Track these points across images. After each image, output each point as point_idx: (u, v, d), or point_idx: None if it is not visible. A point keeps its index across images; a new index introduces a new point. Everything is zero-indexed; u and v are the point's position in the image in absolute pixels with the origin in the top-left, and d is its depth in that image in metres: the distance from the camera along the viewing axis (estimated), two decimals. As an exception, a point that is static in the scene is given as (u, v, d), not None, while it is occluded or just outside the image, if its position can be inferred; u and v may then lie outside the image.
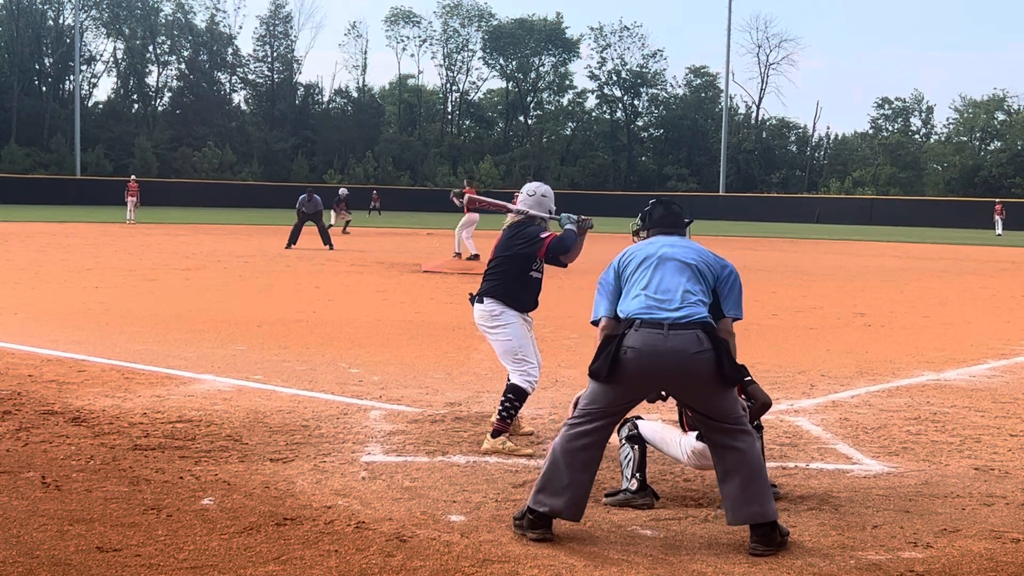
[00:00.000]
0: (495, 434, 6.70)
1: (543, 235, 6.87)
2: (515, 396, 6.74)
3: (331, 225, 32.88)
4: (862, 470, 6.40)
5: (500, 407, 6.76)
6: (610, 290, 5.26)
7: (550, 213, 7.11)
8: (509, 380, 6.83)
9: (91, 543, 4.70)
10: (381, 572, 4.47)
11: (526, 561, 4.65)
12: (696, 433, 5.46)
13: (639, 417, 6.03)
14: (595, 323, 5.30)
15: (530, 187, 7.18)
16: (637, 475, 5.59)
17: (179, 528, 4.95)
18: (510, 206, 7.06)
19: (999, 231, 52.55)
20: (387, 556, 4.66)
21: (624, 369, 4.91)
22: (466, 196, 7.63)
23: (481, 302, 6.92)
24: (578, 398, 5.25)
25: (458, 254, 23.91)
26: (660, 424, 5.94)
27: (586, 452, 5.01)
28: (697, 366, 4.87)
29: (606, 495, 5.64)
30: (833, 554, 4.83)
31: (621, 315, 5.10)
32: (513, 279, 6.88)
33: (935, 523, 5.32)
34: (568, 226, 6.84)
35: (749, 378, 5.58)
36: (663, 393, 5.35)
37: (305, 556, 4.63)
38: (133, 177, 48.15)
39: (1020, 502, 5.74)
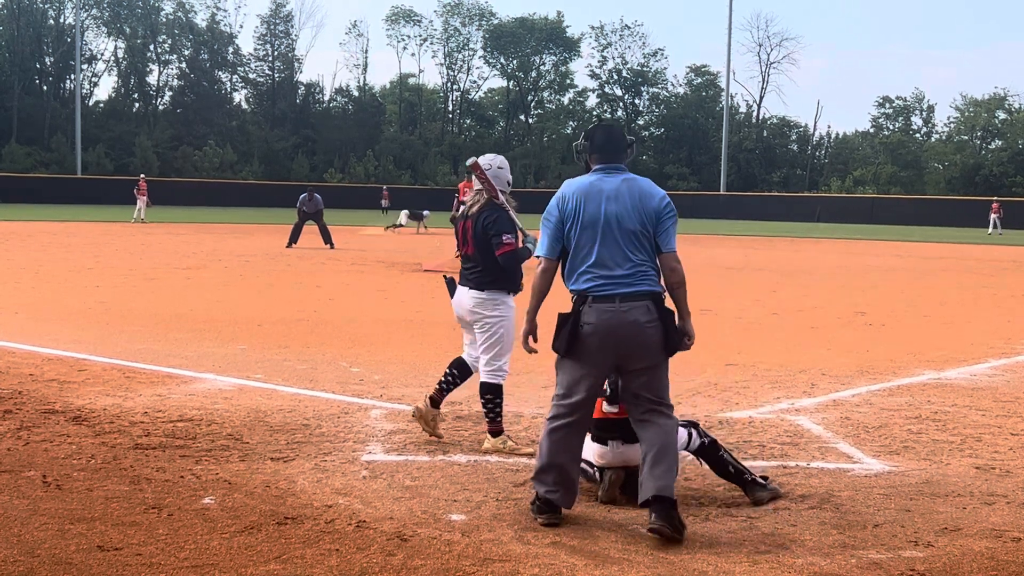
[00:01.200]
0: (494, 434, 6.70)
1: (506, 239, 6.70)
2: (494, 395, 6.74)
3: (400, 225, 34.93)
4: (863, 469, 6.40)
5: (485, 410, 6.74)
6: (552, 229, 5.34)
7: (509, 184, 7.05)
8: (481, 380, 6.78)
9: (92, 542, 4.70)
10: (382, 571, 4.47)
11: (527, 560, 4.65)
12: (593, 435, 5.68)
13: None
14: (538, 256, 5.43)
15: (483, 160, 6.98)
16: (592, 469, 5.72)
17: (180, 527, 4.95)
18: (501, 198, 6.98)
19: (992, 230, 52.43)
20: (388, 555, 4.66)
21: (584, 343, 5.14)
22: (474, 164, 7.45)
23: (481, 291, 6.77)
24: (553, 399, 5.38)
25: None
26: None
27: (567, 441, 5.23)
28: (647, 335, 5.10)
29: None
30: (834, 553, 4.83)
31: (571, 290, 5.26)
32: (497, 265, 6.78)
33: (936, 522, 5.31)
34: (528, 244, 6.80)
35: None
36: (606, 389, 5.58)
37: (306, 555, 4.63)
38: (143, 176, 48.14)
39: (1021, 501, 5.73)
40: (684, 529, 4.96)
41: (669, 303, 5.26)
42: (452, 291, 7.03)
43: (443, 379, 7.03)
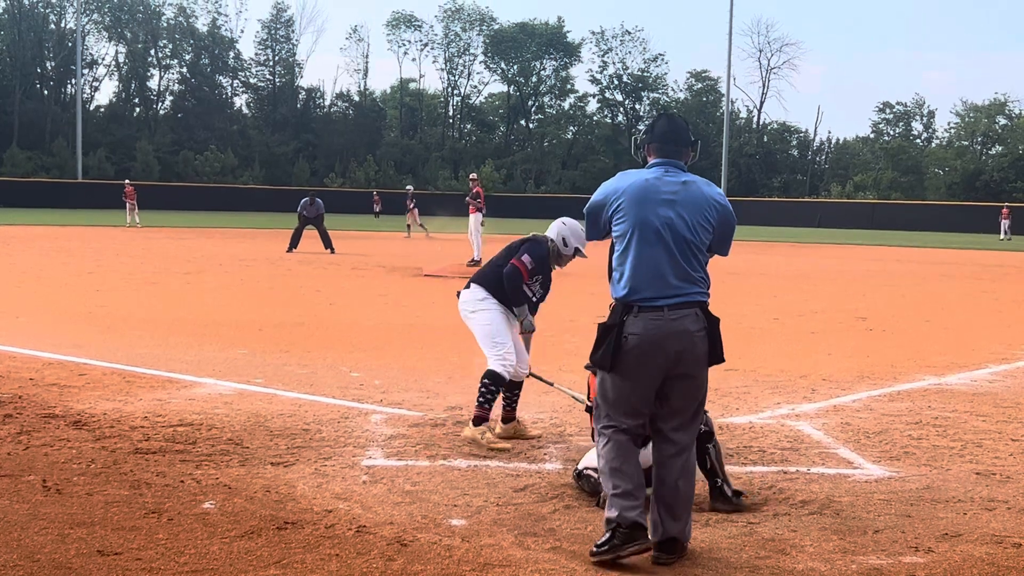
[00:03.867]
0: (476, 421, 6.76)
1: (526, 260, 6.87)
2: (491, 381, 6.80)
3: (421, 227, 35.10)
4: (863, 475, 6.39)
5: (478, 394, 6.82)
6: (599, 227, 5.04)
7: (566, 246, 7.13)
8: (488, 366, 6.88)
9: (92, 547, 4.70)
10: (382, 576, 4.47)
11: (527, 565, 4.65)
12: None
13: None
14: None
15: (563, 219, 7.30)
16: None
17: (180, 532, 4.94)
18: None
19: (1003, 235, 52.65)
20: (388, 560, 4.65)
21: (628, 355, 4.78)
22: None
23: (468, 288, 7.05)
24: (592, 406, 5.17)
25: (475, 260, 23.43)
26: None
27: (627, 455, 4.85)
28: (696, 344, 4.81)
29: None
30: (834, 559, 4.83)
31: (615, 298, 4.91)
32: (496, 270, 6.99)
33: (936, 528, 5.31)
34: (519, 310, 6.98)
35: None
36: None
37: (306, 560, 4.62)
38: (127, 181, 48.20)
39: (1022, 507, 5.73)
40: (685, 550, 4.84)
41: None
42: None
43: (503, 398, 7.07)
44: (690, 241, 4.83)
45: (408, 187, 38.68)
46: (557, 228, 7.21)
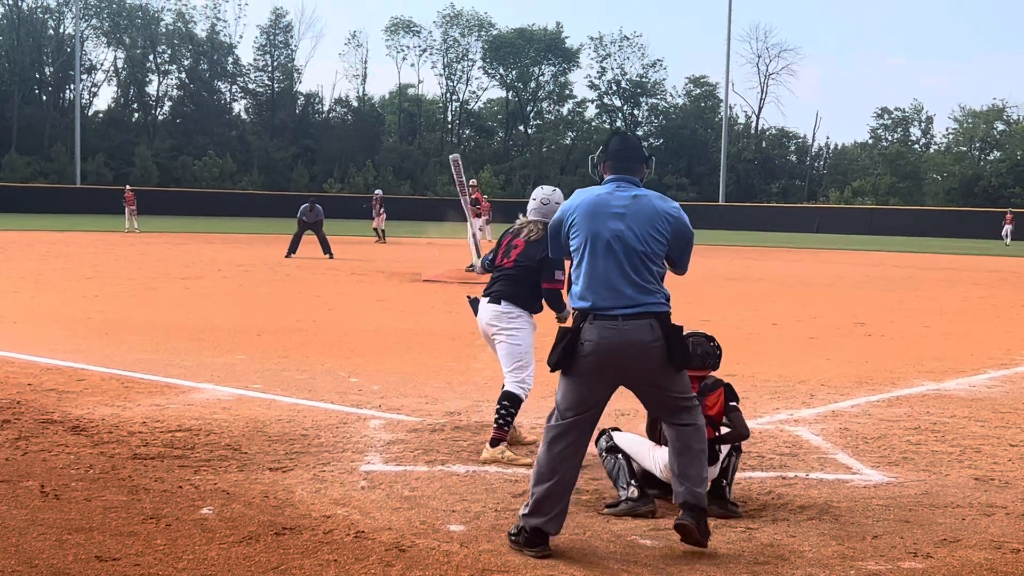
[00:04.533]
0: (494, 443, 6.69)
1: (559, 275, 6.80)
2: (511, 403, 6.76)
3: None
4: (862, 480, 6.39)
5: (496, 415, 6.76)
6: (559, 245, 5.25)
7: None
8: (504, 387, 6.83)
9: (90, 552, 4.70)
10: (380, 582, 4.47)
11: (525, 571, 4.65)
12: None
13: (615, 428, 6.08)
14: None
15: (542, 194, 7.15)
16: (633, 482, 5.60)
17: (178, 537, 4.94)
18: (467, 203, 7.13)
19: (1006, 240, 52.84)
20: (386, 566, 4.65)
21: (583, 361, 4.95)
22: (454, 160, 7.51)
23: (499, 303, 6.89)
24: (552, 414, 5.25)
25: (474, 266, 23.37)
26: (634, 436, 5.95)
27: (571, 460, 5.01)
28: (650, 353, 4.92)
29: (606, 505, 5.63)
30: (833, 564, 4.83)
31: (572, 308, 5.11)
32: (533, 286, 6.88)
33: (935, 533, 5.31)
34: (562, 315, 6.86)
35: (735, 404, 5.66)
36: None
37: (304, 566, 4.62)
38: (128, 187, 48.31)
39: (1020, 512, 5.73)
40: (708, 537, 4.93)
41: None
42: (476, 310, 7.13)
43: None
44: (641, 252, 4.97)
45: (376, 191, 38.29)
46: (554, 209, 6.96)
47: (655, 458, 5.68)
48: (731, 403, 5.80)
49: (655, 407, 5.24)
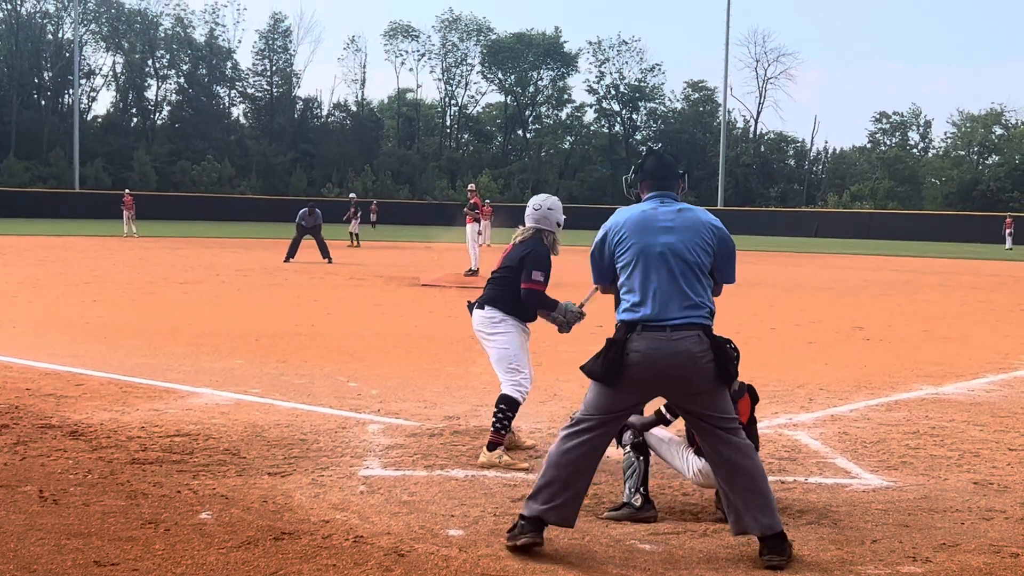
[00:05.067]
0: (491, 447, 6.69)
1: (535, 276, 6.80)
2: (507, 406, 6.74)
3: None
4: (861, 484, 6.39)
5: (494, 419, 6.75)
6: (603, 266, 5.24)
7: (559, 225, 7.10)
8: (501, 391, 6.83)
9: (89, 557, 4.69)
10: (379, 587, 4.46)
11: (524, 575, 4.64)
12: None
13: (655, 422, 6.02)
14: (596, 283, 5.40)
15: (535, 200, 7.17)
16: (641, 489, 5.58)
17: (177, 542, 4.93)
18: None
19: (1009, 245, 52.97)
20: (385, 570, 4.65)
21: (630, 372, 4.93)
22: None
23: (482, 309, 6.94)
24: (575, 413, 5.24)
25: (472, 270, 23.30)
26: (666, 433, 5.90)
27: (581, 460, 5.01)
28: (699, 365, 4.90)
29: (609, 509, 5.63)
30: (832, 569, 4.82)
31: (620, 320, 5.05)
32: (518, 291, 6.87)
33: (934, 538, 5.31)
34: (555, 314, 6.83)
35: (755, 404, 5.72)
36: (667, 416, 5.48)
37: (303, 570, 4.61)
38: (127, 191, 48.34)
39: (1019, 516, 5.73)
40: (791, 553, 4.89)
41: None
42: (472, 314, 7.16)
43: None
44: (692, 263, 5.03)
45: (351, 195, 37.75)
46: (545, 215, 7.04)
47: (688, 460, 5.64)
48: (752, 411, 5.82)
49: (697, 427, 5.14)
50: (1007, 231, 54.29)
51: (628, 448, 5.77)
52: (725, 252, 5.19)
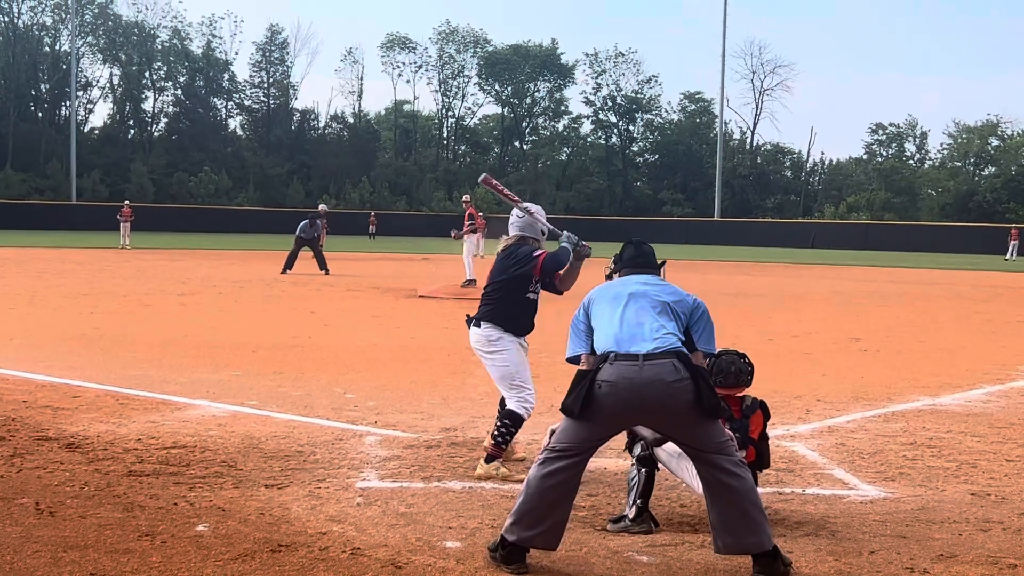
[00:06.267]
0: (489, 459, 6.68)
1: (536, 253, 6.87)
2: (511, 422, 6.73)
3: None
4: (859, 495, 6.39)
5: (495, 432, 6.74)
6: (582, 329, 5.25)
7: (543, 234, 7.11)
8: (506, 406, 6.81)
9: (85, 570, 4.68)
10: (376, 599, 4.45)
11: (522, 588, 4.63)
12: None
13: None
14: (571, 360, 5.26)
15: (520, 208, 7.19)
16: (639, 501, 5.57)
17: (173, 555, 4.92)
18: (520, 203, 7.12)
19: (1009, 256, 53.08)
20: (382, 583, 4.63)
21: (599, 404, 4.82)
22: (483, 177, 7.49)
23: (478, 326, 6.92)
24: (553, 429, 5.23)
25: (470, 281, 23.24)
26: (677, 448, 5.87)
27: (560, 488, 4.90)
28: (675, 395, 4.77)
29: (610, 521, 5.62)
30: (830, 580, 4.82)
31: (596, 350, 5.06)
32: (511, 303, 6.87)
33: (932, 549, 5.30)
34: (564, 244, 6.86)
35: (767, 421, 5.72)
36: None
37: (300, 583, 4.60)
38: (127, 202, 48.35)
39: (1017, 527, 5.73)
40: (790, 565, 4.85)
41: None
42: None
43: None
44: (664, 302, 5.12)
45: (320, 206, 35.27)
46: (530, 222, 7.02)
47: (693, 473, 5.62)
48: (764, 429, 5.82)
49: (684, 449, 5.06)
50: (1012, 242, 54.43)
51: (634, 460, 5.77)
52: (698, 314, 5.23)
